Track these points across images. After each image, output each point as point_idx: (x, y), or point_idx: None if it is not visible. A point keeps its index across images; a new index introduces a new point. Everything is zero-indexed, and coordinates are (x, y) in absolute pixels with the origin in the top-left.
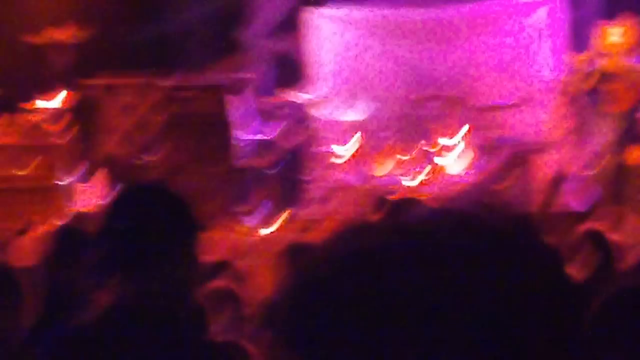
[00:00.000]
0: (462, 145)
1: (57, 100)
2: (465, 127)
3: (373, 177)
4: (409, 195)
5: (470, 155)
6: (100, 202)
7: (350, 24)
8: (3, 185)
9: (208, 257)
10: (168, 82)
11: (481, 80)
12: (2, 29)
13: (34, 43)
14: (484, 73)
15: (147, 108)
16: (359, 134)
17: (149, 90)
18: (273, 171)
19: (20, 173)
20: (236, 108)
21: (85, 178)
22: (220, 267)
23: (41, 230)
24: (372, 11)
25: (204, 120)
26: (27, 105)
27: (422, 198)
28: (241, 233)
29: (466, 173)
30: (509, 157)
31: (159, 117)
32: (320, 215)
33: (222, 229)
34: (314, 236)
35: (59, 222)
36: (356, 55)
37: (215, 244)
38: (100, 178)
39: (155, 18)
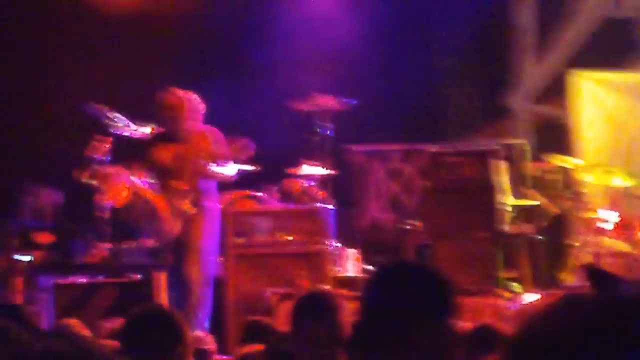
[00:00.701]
0: None
1: (322, 166)
2: None
3: None
4: None
5: None
6: (362, 267)
7: (617, 86)
8: (270, 250)
9: (472, 323)
10: (433, 148)
11: None
12: (268, 96)
13: (299, 110)
14: None
15: (412, 173)
16: (625, 199)
17: (415, 156)
18: (539, 237)
19: (287, 238)
20: (502, 174)
21: (348, 244)
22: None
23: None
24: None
25: (469, 185)
26: (294, 171)
27: None
28: (506, 299)
29: None
30: None
31: (424, 183)
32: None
33: (487, 294)
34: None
35: (323, 287)
36: (623, 118)
37: (480, 310)
38: (358, 244)
39: (418, 84)
